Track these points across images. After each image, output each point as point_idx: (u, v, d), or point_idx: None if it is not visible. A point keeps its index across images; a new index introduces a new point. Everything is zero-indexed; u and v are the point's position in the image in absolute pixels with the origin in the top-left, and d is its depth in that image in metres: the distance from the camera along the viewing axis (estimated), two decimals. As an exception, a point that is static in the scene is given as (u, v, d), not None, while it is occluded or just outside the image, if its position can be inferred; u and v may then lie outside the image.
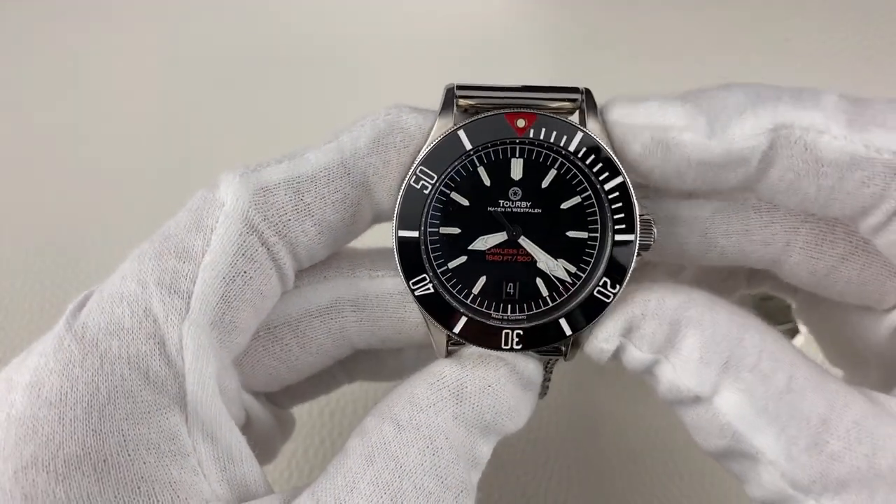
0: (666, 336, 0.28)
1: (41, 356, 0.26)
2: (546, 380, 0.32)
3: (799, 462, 0.27)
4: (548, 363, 0.31)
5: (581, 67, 0.67)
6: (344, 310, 0.32)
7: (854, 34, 0.68)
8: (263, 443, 0.35)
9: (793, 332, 0.55)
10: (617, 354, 0.30)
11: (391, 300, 0.32)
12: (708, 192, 0.31)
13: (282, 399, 0.38)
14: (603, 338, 0.29)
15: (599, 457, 0.52)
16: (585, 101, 0.29)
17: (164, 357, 0.26)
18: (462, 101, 0.29)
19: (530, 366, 0.30)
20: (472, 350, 0.30)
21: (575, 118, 0.29)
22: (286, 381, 0.34)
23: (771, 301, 0.58)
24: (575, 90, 0.29)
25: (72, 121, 0.68)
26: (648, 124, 0.28)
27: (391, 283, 0.32)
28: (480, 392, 0.29)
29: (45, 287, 0.60)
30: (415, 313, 0.32)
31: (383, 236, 0.32)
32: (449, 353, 0.30)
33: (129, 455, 0.25)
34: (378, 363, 0.39)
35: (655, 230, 0.29)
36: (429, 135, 0.29)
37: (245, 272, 0.28)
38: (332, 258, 0.32)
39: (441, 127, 0.29)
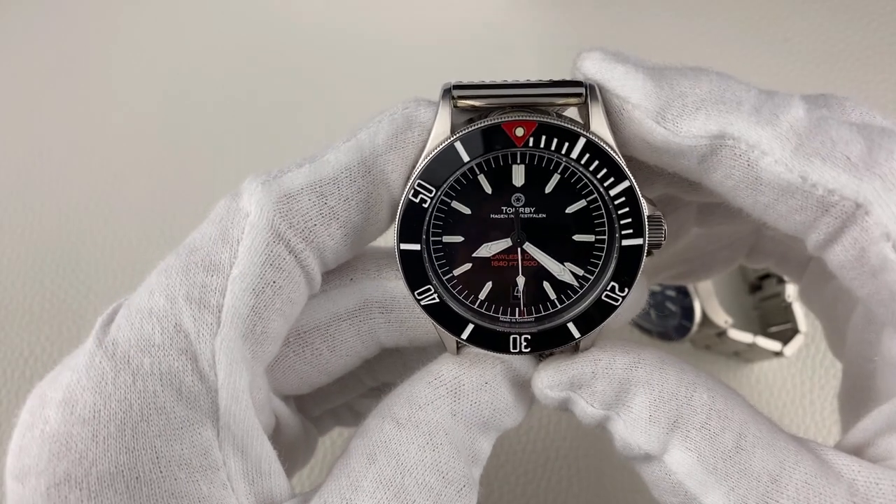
0: (616, 394, 0.29)
1: (73, 372, 0.26)
2: None
3: None
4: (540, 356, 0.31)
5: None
6: (372, 311, 0.32)
7: (854, 34, 0.68)
8: (291, 451, 0.35)
9: (792, 332, 0.55)
10: (570, 406, 0.30)
11: None
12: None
13: (310, 405, 0.38)
14: (548, 384, 0.29)
15: (599, 457, 0.52)
16: (589, 96, 0.28)
17: (197, 372, 0.26)
18: (461, 102, 0.28)
19: (524, 363, 0.30)
20: (469, 349, 0.30)
21: (580, 112, 0.28)
22: (316, 383, 0.35)
23: (770, 301, 0.58)
24: (578, 84, 0.28)
25: (73, 120, 0.68)
26: (611, 89, 0.27)
27: None
28: (478, 389, 0.29)
29: (45, 287, 0.60)
30: None
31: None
32: (459, 350, 0.31)
33: (160, 472, 0.25)
34: (402, 362, 0.39)
35: (666, 227, 0.28)
36: (430, 133, 0.28)
37: (274, 282, 0.28)
38: (358, 260, 0.32)
39: (440, 126, 0.28)
